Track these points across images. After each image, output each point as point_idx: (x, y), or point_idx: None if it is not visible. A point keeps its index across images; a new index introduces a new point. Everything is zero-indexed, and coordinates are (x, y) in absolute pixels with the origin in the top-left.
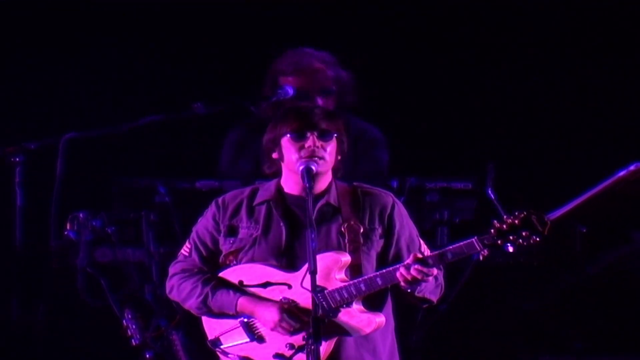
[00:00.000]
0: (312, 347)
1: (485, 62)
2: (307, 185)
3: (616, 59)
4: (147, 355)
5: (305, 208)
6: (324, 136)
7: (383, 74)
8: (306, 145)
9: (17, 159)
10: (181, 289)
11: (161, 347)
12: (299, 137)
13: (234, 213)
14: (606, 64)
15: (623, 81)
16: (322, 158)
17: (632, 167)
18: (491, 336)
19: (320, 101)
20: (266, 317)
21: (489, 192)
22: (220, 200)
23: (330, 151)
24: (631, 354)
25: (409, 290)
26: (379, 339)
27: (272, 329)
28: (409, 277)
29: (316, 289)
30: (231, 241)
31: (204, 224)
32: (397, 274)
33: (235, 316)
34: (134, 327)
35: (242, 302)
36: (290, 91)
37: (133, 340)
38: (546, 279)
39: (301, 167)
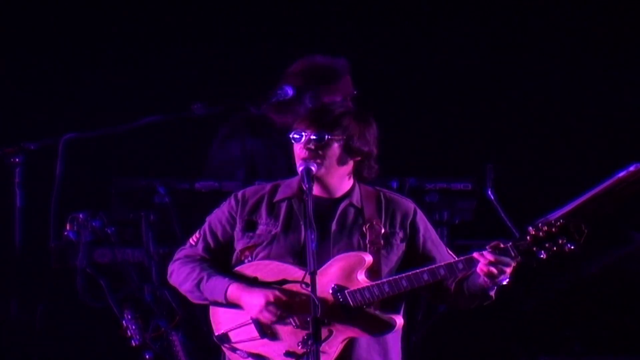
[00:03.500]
0: (312, 347)
1: (485, 62)
2: (307, 185)
3: (616, 59)
4: (147, 356)
5: (325, 208)
6: (318, 137)
7: (382, 73)
8: (300, 147)
9: (17, 159)
10: (179, 273)
11: (161, 347)
12: (296, 138)
13: (253, 208)
14: (606, 64)
15: (623, 81)
16: (321, 157)
17: (632, 168)
18: (490, 337)
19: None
20: (253, 302)
21: (489, 192)
22: (240, 194)
23: (330, 153)
24: (631, 355)
25: (490, 284)
26: (390, 340)
27: (255, 316)
28: (486, 269)
29: (315, 289)
30: (249, 236)
31: (218, 215)
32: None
33: (224, 304)
34: (133, 327)
35: (232, 289)
36: (290, 92)
37: (133, 341)
38: (545, 279)
39: (300, 168)
